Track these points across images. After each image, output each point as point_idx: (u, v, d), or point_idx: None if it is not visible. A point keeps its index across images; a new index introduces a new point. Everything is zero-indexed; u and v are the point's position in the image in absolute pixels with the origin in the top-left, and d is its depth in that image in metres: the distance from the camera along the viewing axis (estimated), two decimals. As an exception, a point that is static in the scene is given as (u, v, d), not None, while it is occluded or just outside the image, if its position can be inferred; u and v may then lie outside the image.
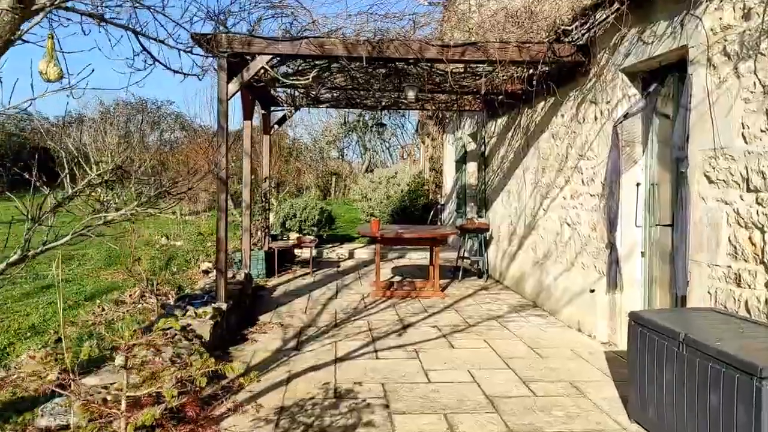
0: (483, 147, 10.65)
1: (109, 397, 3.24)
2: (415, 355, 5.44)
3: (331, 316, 7.01)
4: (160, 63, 3.59)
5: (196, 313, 5.63)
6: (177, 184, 4.01)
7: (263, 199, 9.95)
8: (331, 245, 13.32)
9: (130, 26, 3.20)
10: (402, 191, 16.99)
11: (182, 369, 3.16)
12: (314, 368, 5.04)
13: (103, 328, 6.19)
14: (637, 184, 5.71)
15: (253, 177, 10.45)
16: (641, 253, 5.73)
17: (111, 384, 3.62)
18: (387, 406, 4.19)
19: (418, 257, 12.02)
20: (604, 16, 5.71)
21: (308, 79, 6.40)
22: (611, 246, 5.71)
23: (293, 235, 12.06)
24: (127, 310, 6.97)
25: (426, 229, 9.12)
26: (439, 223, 14.79)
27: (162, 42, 3.45)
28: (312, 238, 11.24)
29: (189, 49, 3.73)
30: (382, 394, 4.43)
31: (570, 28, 6.12)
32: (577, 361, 5.33)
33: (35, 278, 8.84)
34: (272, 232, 12.77)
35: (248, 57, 6.27)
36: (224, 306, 6.03)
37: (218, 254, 6.25)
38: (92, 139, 17.01)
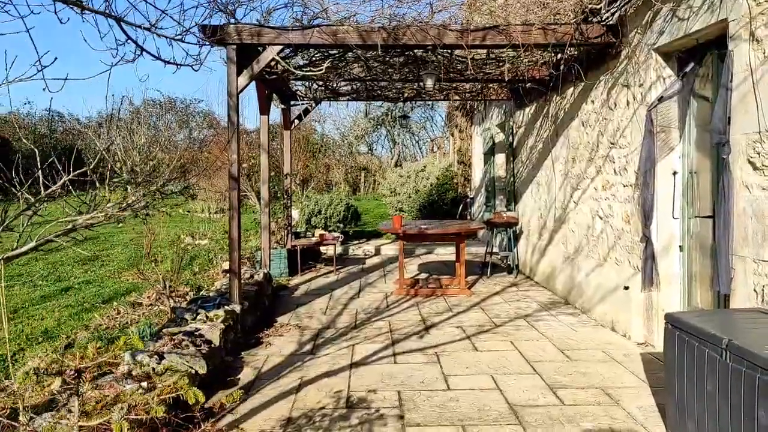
0: (511, 138, 10.25)
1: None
2: (436, 359, 5.13)
3: (351, 317, 6.74)
4: (147, 52, 3.34)
5: (207, 316, 5.42)
6: (170, 183, 3.76)
7: (285, 196, 9.73)
8: (357, 241, 13.07)
9: (111, 13, 2.95)
10: (431, 185, 16.64)
11: (147, 392, 2.89)
12: (328, 374, 4.77)
13: (117, 331, 6.04)
14: (674, 173, 5.29)
15: (274, 174, 10.27)
16: (679, 247, 5.31)
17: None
18: (401, 417, 3.90)
19: (445, 253, 11.69)
20: (635, -9, 5.30)
21: (322, 70, 6.11)
22: (646, 240, 5.31)
23: (318, 232, 11.84)
24: (143, 313, 6.82)
25: (451, 224, 8.79)
26: (468, 217, 14.41)
27: (148, 30, 3.20)
28: (336, 234, 10.99)
29: (179, 37, 3.47)
30: (398, 404, 4.14)
31: (599, 6, 5.71)
32: (610, 364, 4.95)
33: (56, 280, 8.79)
34: (297, 230, 12.59)
35: (260, 48, 6.02)
36: (238, 308, 5.81)
37: (231, 254, 6.03)
38: (120, 139, 17.04)
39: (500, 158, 11.61)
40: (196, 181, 17.80)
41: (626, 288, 5.71)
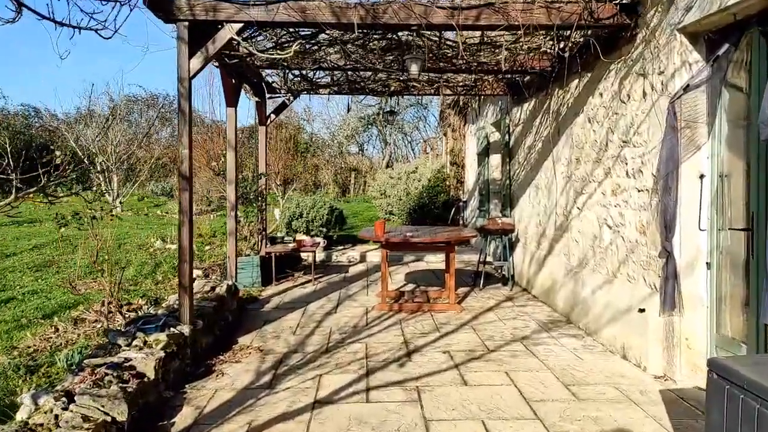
0: (507, 137, 9.42)
1: None
2: (417, 397, 4.28)
3: (323, 338, 5.89)
4: (27, 8, 2.50)
5: (145, 341, 4.56)
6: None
7: (260, 199, 8.87)
8: (342, 247, 12.22)
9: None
10: (422, 187, 15.81)
11: None
12: (284, 417, 3.92)
13: (47, 356, 5.17)
14: (701, 176, 4.46)
15: (252, 173, 9.42)
16: (706, 264, 4.48)
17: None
18: (367, 484, 3.05)
19: (435, 260, 10.84)
20: (657, -40, 4.48)
21: (290, 53, 5.26)
22: (667, 255, 4.48)
23: (299, 237, 11.00)
24: (84, 332, 5.94)
25: (441, 231, 7.95)
26: (460, 222, 13.58)
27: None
28: (317, 240, 10.14)
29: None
30: (364, 462, 3.29)
31: (612, -21, 4.88)
32: (625, 405, 4.11)
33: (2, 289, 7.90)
34: (277, 234, 11.74)
35: (219, 26, 5.15)
36: (187, 330, 4.95)
37: (180, 266, 5.17)
38: (91, 137, 16.15)
39: (495, 159, 10.79)
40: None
41: (642, 310, 4.87)
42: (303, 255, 10.55)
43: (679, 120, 4.42)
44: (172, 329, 4.86)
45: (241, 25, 5.05)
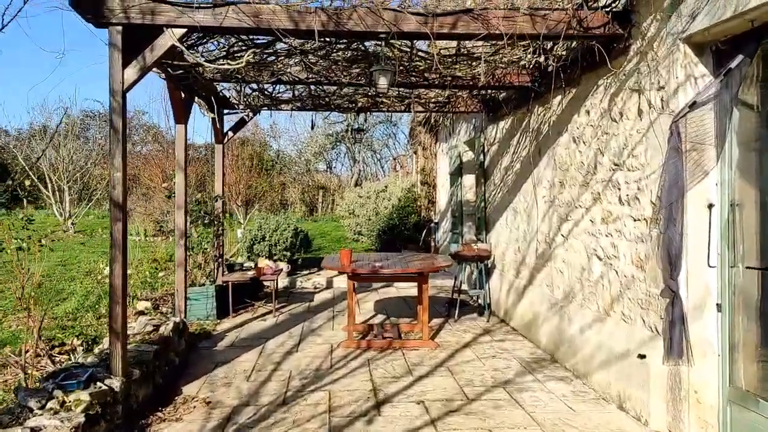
0: (482, 156, 8.89)
1: None
2: (387, 467, 3.62)
3: (281, 384, 5.20)
4: None
5: (63, 402, 3.82)
6: None
7: (216, 222, 8.15)
8: (307, 271, 11.52)
9: None
10: (392, 206, 15.22)
11: None
12: (225, 501, 3.22)
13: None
14: (709, 206, 3.93)
15: (203, 194, 8.73)
16: (717, 306, 3.94)
17: None
18: None
19: (407, 287, 10.19)
20: (658, -39, 3.97)
21: (241, 63, 4.62)
22: (672, 295, 3.92)
23: (262, 262, 10.28)
24: (5, 381, 5.15)
25: (412, 258, 7.33)
26: (432, 244, 12.99)
27: None
28: (278, 267, 9.43)
29: None
30: None
31: (605, -17, 4.37)
32: (630, 474, 3.52)
33: None
34: (239, 258, 11.00)
35: (159, 31, 4.48)
36: (117, 384, 4.22)
37: (112, 308, 4.44)
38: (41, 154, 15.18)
39: (469, 179, 10.25)
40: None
41: (642, 357, 4.30)
42: (265, 282, 9.82)
43: (683, 142, 3.89)
44: (99, 384, 4.13)
45: (184, 30, 4.40)
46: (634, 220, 4.53)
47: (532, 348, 6.39)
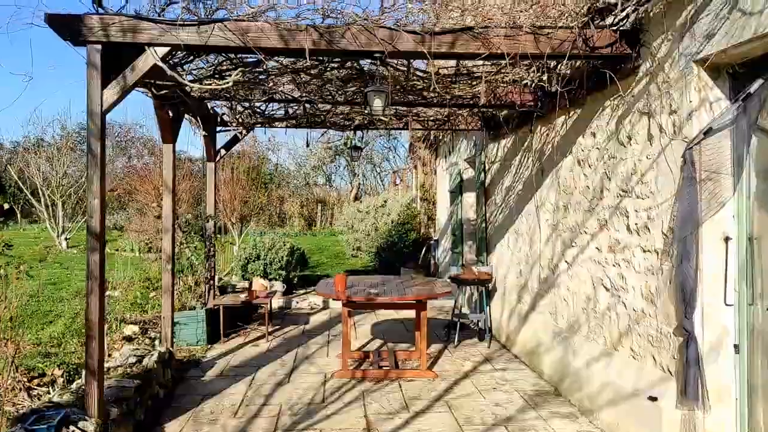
0: (483, 175, 8.63)
1: None
2: None
3: (270, 422, 4.91)
4: None
5: (30, 450, 3.54)
6: None
7: (207, 244, 7.89)
8: (303, 291, 11.23)
9: None
10: (392, 221, 14.96)
11: None
12: None
13: None
14: (726, 239, 3.67)
15: (191, 215, 8.46)
16: (734, 347, 3.67)
17: None
18: None
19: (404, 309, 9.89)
20: (670, -22, 3.74)
21: (228, 83, 4.38)
22: (687, 335, 3.65)
23: (257, 281, 10.02)
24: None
25: (410, 284, 7.05)
26: (432, 262, 12.71)
27: None
28: (272, 289, 9.17)
29: None
30: None
31: (614, 0, 4.12)
32: None
33: None
34: (233, 277, 10.74)
35: (141, 50, 4.24)
36: (92, 428, 3.94)
37: (88, 345, 4.17)
38: (34, 167, 14.93)
39: (470, 198, 9.99)
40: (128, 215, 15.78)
41: (653, 399, 4.02)
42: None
43: (698, 171, 3.63)
44: (72, 428, 3.85)
45: (167, 49, 4.16)
46: (644, 251, 4.27)
47: (535, 378, 6.10)
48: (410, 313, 9.18)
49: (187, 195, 14.74)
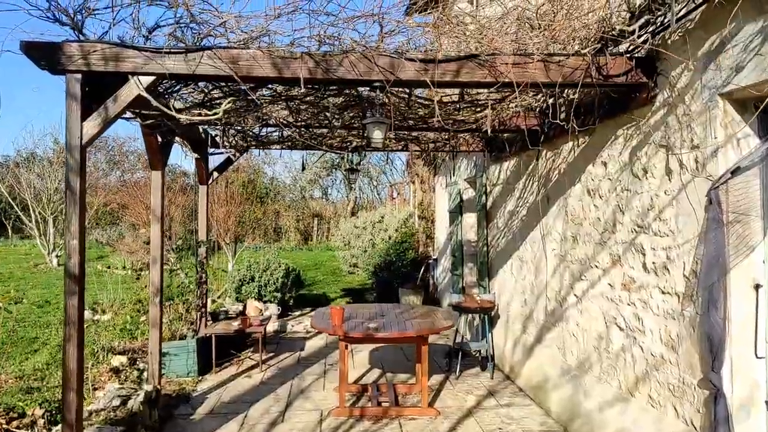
0: (484, 197, 8.36)
1: None
2: None
3: (263, 471, 4.61)
4: None
5: None
6: None
7: (199, 269, 7.58)
8: (299, 313, 10.94)
9: None
10: (389, 238, 14.68)
11: None
12: None
13: None
14: (756, 287, 3.39)
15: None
16: (766, 403, 3.38)
17: None
18: None
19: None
20: (693, 4, 3.48)
21: (218, 113, 4.10)
22: (715, 391, 3.37)
23: (251, 305, 9.72)
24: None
25: (410, 316, 6.74)
26: (431, 281, 12.42)
27: None
28: (266, 315, 8.86)
29: None
30: None
31: (630, 28, 3.86)
32: None
33: None
34: (227, 299, 10.43)
35: (129, 77, 3.96)
36: (68, 489, 3.63)
37: (65, 397, 3.86)
38: (25, 183, 14.59)
39: (470, 218, 9.72)
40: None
41: (676, 455, 3.74)
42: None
43: (725, 212, 3.36)
44: (46, 490, 3.54)
45: (152, 78, 3.88)
46: (663, 293, 3.99)
47: (542, 416, 5.80)
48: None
49: (181, 212, 14.43)
